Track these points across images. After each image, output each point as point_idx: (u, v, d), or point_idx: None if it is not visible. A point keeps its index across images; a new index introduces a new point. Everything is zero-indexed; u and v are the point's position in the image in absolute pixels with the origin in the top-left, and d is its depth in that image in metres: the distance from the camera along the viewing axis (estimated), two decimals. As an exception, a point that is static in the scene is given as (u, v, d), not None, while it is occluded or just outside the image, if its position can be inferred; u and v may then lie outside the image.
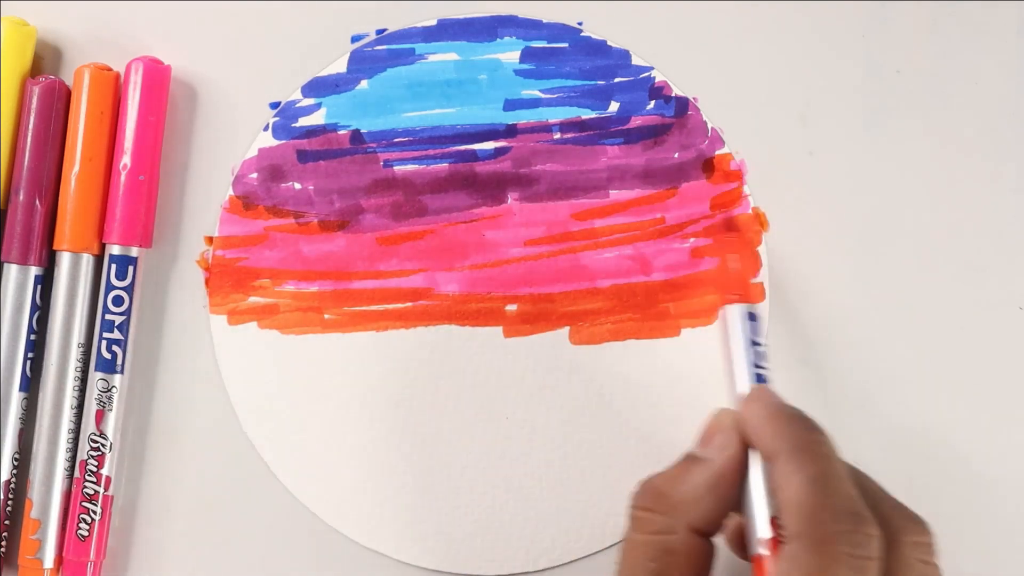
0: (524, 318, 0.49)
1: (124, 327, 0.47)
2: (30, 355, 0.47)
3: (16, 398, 0.47)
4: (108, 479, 0.47)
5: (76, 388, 0.47)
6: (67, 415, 0.47)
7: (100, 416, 0.47)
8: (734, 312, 0.46)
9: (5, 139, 0.47)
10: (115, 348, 0.47)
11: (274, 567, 0.48)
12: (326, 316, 0.49)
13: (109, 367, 0.47)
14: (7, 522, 0.47)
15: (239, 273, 0.49)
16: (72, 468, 0.47)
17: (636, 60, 0.50)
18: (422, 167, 0.49)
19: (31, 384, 0.48)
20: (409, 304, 0.49)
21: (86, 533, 0.47)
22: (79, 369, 0.47)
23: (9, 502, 0.47)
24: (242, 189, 0.49)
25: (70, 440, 0.47)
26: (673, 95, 0.50)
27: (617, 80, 0.50)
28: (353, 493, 0.49)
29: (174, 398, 0.49)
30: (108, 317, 0.47)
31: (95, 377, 0.47)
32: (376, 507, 0.49)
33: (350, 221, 0.49)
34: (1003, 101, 0.50)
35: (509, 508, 0.49)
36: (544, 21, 0.50)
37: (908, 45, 0.50)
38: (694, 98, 0.50)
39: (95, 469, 0.47)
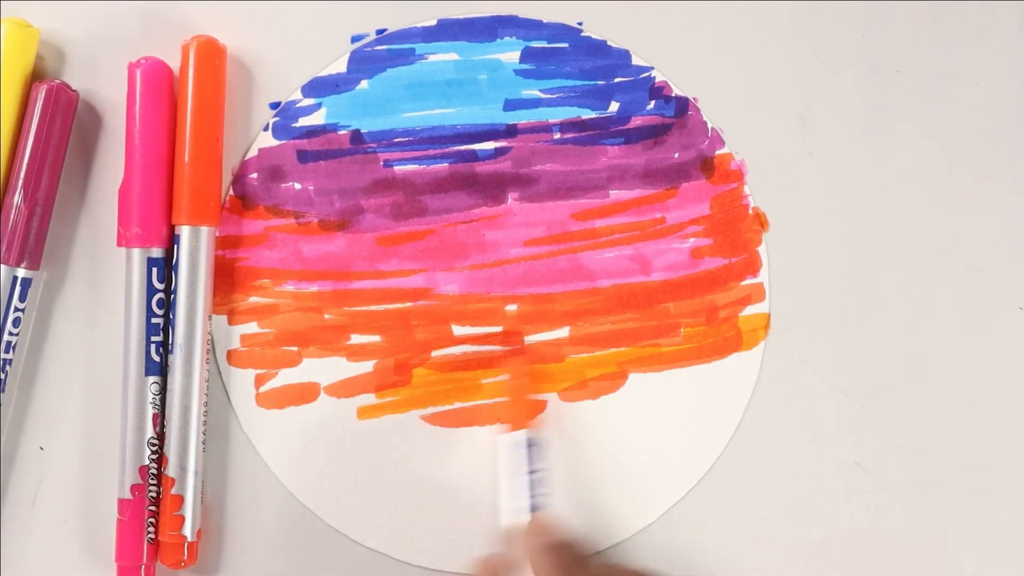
0: (524, 318, 0.49)
1: (167, 329, 0.48)
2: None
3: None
4: (171, 481, 0.47)
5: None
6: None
7: (156, 419, 0.47)
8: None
9: (5, 140, 0.47)
10: (162, 350, 0.48)
11: (274, 567, 0.48)
12: (326, 316, 0.49)
13: (158, 370, 0.48)
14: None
15: (239, 273, 0.49)
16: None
17: (636, 60, 0.50)
18: (422, 167, 0.49)
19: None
20: (409, 304, 0.49)
21: (153, 536, 0.48)
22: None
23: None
24: (242, 189, 0.49)
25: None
26: (673, 95, 0.50)
27: (617, 80, 0.50)
28: (353, 493, 0.49)
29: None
30: (154, 320, 0.48)
31: (147, 381, 0.47)
32: (376, 507, 0.49)
33: (350, 221, 0.49)
34: (1003, 101, 0.50)
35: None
36: (544, 21, 0.50)
37: (908, 45, 0.50)
38: (694, 98, 0.50)
39: (157, 472, 0.48)
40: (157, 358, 0.48)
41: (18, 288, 0.47)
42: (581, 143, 0.50)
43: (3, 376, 0.47)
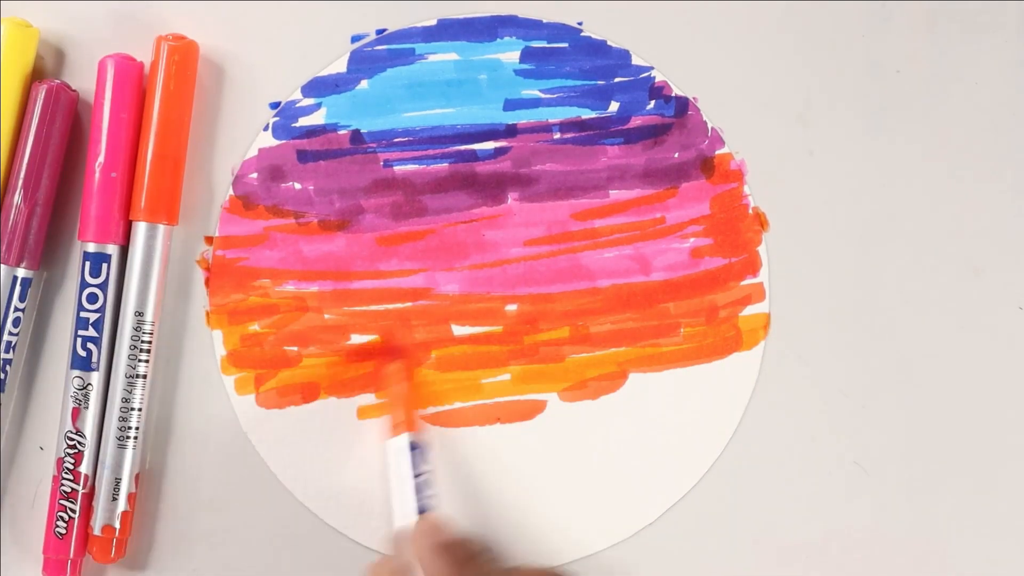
0: (524, 318, 0.49)
1: (99, 324, 0.47)
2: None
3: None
4: (86, 477, 0.47)
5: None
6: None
7: (76, 414, 0.47)
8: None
9: (5, 140, 0.47)
10: (90, 345, 0.47)
11: (274, 566, 0.48)
12: (326, 316, 0.49)
13: (84, 365, 0.47)
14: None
15: (239, 273, 0.49)
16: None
17: (636, 60, 0.50)
18: (422, 167, 0.49)
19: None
20: (409, 304, 0.49)
21: (64, 531, 0.47)
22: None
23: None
24: (242, 189, 0.49)
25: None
26: (673, 95, 0.50)
27: (617, 80, 0.50)
28: (353, 493, 0.49)
29: (174, 399, 0.49)
30: (83, 315, 0.47)
31: (71, 375, 0.47)
32: (376, 507, 0.49)
33: (350, 221, 0.49)
34: (1003, 101, 0.50)
35: (509, 508, 0.49)
36: (544, 21, 0.50)
37: (908, 45, 0.50)
38: (694, 98, 0.50)
39: (72, 467, 0.47)
40: (83, 353, 0.47)
41: (18, 288, 0.47)
42: (581, 143, 0.50)
43: (3, 376, 0.47)
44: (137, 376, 0.48)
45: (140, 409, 0.48)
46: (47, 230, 0.48)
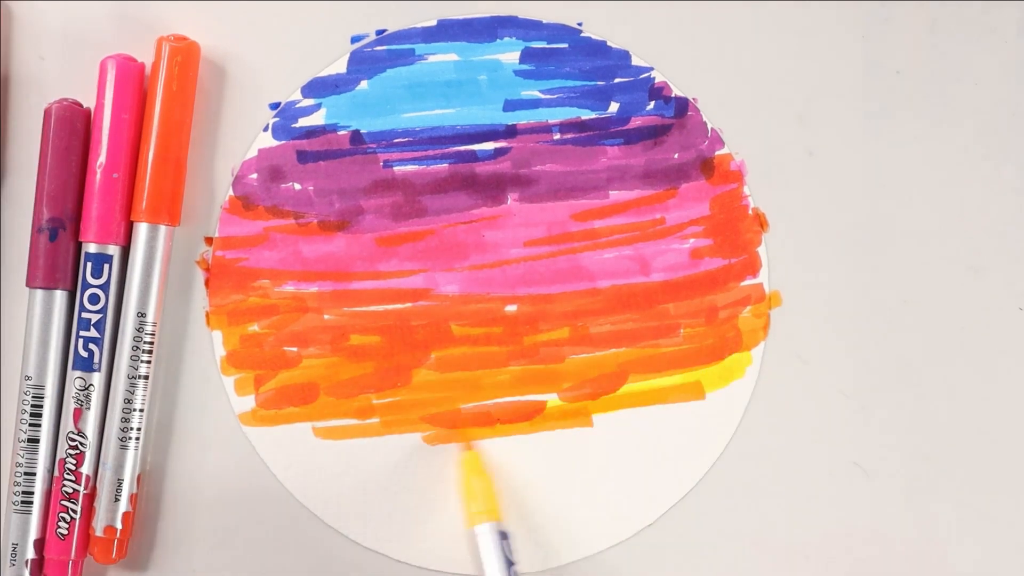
0: (523, 318, 0.49)
1: (100, 325, 0.47)
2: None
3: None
4: (87, 478, 0.47)
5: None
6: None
7: (78, 414, 0.47)
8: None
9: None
10: (92, 346, 0.47)
11: (274, 567, 0.49)
12: (326, 317, 0.49)
13: (86, 365, 0.48)
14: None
15: (239, 273, 0.49)
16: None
17: (636, 60, 0.50)
18: (422, 167, 0.49)
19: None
20: (409, 305, 0.49)
21: (66, 532, 0.47)
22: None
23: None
24: (242, 189, 0.49)
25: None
26: (673, 95, 0.50)
27: (617, 80, 0.50)
28: (353, 493, 0.49)
29: (174, 400, 0.49)
30: (84, 315, 0.47)
31: (72, 376, 0.47)
32: (377, 507, 0.49)
33: (350, 222, 0.49)
34: (1003, 101, 0.50)
35: (508, 509, 0.49)
36: (544, 21, 0.50)
37: (908, 45, 0.50)
38: (694, 98, 0.50)
39: (73, 468, 0.47)
40: (85, 353, 0.47)
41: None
42: (581, 143, 0.50)
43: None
44: (139, 377, 0.48)
45: (142, 410, 0.48)
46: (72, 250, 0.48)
